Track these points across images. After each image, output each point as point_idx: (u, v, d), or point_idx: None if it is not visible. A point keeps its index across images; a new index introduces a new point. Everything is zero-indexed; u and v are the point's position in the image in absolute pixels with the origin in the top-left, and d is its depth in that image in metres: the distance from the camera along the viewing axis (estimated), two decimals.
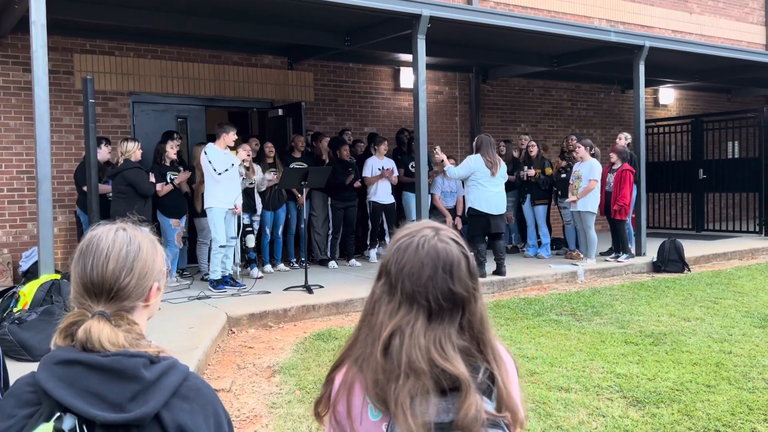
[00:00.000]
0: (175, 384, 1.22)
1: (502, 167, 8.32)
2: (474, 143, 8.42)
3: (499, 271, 8.10)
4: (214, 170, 7.14)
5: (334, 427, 1.33)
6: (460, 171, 8.22)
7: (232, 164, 7.23)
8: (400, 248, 1.33)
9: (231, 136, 7.35)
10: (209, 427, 1.24)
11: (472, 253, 1.36)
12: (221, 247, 7.25)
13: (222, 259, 7.50)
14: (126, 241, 1.33)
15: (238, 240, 8.02)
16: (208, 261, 7.75)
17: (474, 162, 8.11)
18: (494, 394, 1.27)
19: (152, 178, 7.31)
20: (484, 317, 1.32)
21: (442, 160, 8.51)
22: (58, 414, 1.16)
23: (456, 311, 1.28)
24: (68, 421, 1.15)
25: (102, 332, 1.23)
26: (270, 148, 8.68)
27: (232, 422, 1.33)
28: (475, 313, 1.30)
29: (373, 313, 1.33)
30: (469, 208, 8.25)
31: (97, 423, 1.15)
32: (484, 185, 8.10)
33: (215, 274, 7.27)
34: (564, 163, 9.82)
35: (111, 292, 1.29)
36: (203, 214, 7.79)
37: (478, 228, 8.18)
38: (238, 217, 8.01)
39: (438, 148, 8.70)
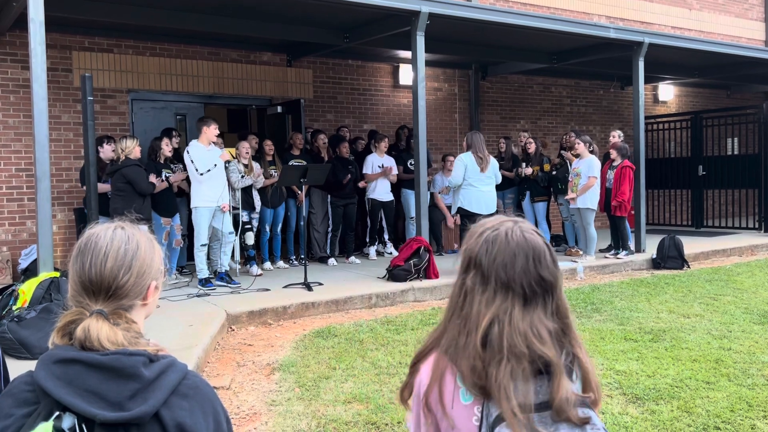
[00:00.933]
0: (175, 382, 1.22)
1: (492, 165, 8.19)
2: (465, 141, 8.37)
3: None
4: (196, 170, 7.12)
5: (425, 414, 1.39)
6: (456, 173, 8.12)
7: (215, 165, 7.18)
8: (488, 240, 1.40)
9: (212, 130, 7.32)
10: (208, 425, 1.24)
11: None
12: (203, 246, 7.27)
13: (220, 255, 7.50)
14: (124, 240, 1.33)
15: (238, 237, 8.02)
16: (210, 258, 7.76)
17: (465, 159, 8.06)
18: (575, 374, 1.36)
19: (153, 178, 7.31)
20: (566, 303, 1.41)
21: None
22: (57, 413, 1.16)
23: (547, 296, 1.37)
24: (67, 420, 1.15)
25: (101, 331, 1.22)
26: (269, 146, 8.68)
27: (230, 420, 1.33)
28: (561, 297, 1.39)
29: (464, 305, 1.39)
30: (459, 208, 8.15)
31: (96, 422, 1.15)
32: (474, 184, 8.00)
33: (202, 273, 7.27)
34: (557, 160, 9.83)
35: (109, 291, 1.29)
36: None
37: (467, 225, 8.11)
38: (237, 215, 8.01)
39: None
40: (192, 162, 7.14)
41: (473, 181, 8.02)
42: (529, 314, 1.34)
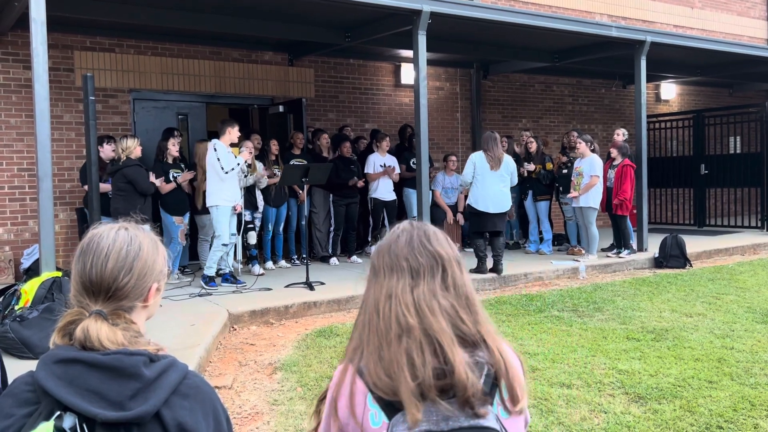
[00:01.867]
0: (175, 382, 1.23)
1: (505, 164, 8.05)
2: (481, 141, 8.33)
3: (495, 268, 7.95)
4: (222, 168, 7.10)
5: (333, 419, 1.33)
6: (465, 171, 8.07)
7: (238, 164, 7.20)
8: (381, 241, 1.44)
9: (235, 132, 7.32)
10: (209, 424, 1.24)
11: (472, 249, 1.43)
12: (224, 245, 7.22)
13: (222, 256, 7.49)
14: (127, 241, 1.33)
15: (240, 237, 8.02)
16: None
17: (474, 158, 8.01)
18: (498, 395, 1.28)
19: (152, 178, 7.30)
20: (470, 291, 1.35)
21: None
22: (58, 413, 1.16)
23: (437, 269, 1.34)
24: (68, 420, 1.15)
25: (100, 331, 1.23)
26: (275, 146, 8.67)
27: (231, 419, 1.33)
28: (458, 275, 1.35)
29: (364, 302, 1.38)
30: (468, 206, 8.13)
31: (97, 421, 1.15)
32: (484, 182, 7.91)
33: (210, 270, 7.23)
34: (565, 159, 9.81)
35: (109, 292, 1.29)
36: (204, 211, 7.77)
37: (477, 225, 8.08)
38: (239, 215, 8.01)
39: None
40: (218, 160, 7.10)
41: (483, 179, 7.92)
42: (419, 286, 1.31)
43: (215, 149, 7.15)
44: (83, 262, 1.30)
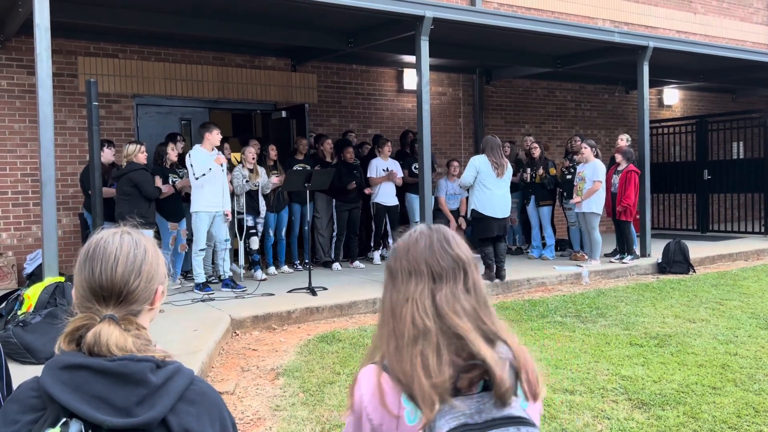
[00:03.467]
0: (182, 388, 1.22)
1: (509, 169, 8.12)
2: (481, 145, 8.30)
3: (498, 274, 7.94)
4: (193, 174, 7.14)
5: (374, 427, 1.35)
6: (467, 173, 8.05)
7: (210, 168, 7.17)
8: (395, 244, 1.43)
9: (215, 135, 7.35)
10: (215, 430, 1.24)
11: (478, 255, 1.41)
12: (201, 250, 7.28)
13: (219, 262, 7.51)
14: (132, 245, 1.33)
15: (242, 242, 8.02)
16: (213, 263, 7.77)
17: (478, 162, 7.97)
18: (520, 390, 1.31)
19: (159, 183, 7.32)
20: (486, 295, 1.38)
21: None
22: (64, 419, 1.15)
23: (458, 273, 1.35)
24: (74, 426, 1.15)
25: (111, 336, 1.22)
26: (273, 151, 8.68)
27: (236, 425, 1.33)
28: (479, 278, 1.38)
29: (382, 304, 1.40)
30: (472, 210, 8.08)
31: (104, 428, 1.15)
32: (489, 187, 7.90)
33: (199, 278, 7.29)
34: (568, 164, 9.80)
35: (120, 296, 1.29)
36: None
37: (481, 231, 8.05)
38: (242, 219, 8.01)
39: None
40: (191, 166, 7.16)
41: (489, 184, 7.89)
42: (441, 290, 1.32)
43: (189, 155, 7.21)
44: (91, 267, 1.30)
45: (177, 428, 1.19)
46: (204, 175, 7.14)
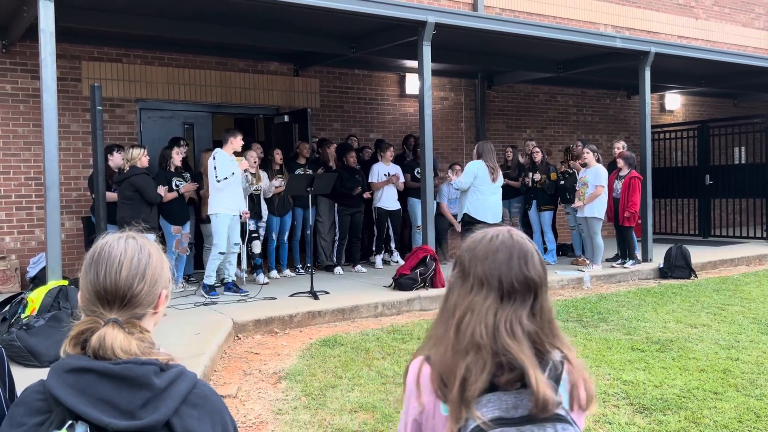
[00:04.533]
0: (185, 391, 1.24)
1: (501, 174, 8.24)
2: (475, 150, 8.33)
3: None
4: (215, 177, 7.16)
5: (415, 416, 1.39)
6: (465, 178, 8.04)
7: (233, 173, 7.22)
8: (474, 240, 1.42)
9: (238, 141, 7.39)
10: None
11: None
12: (221, 253, 7.27)
13: (225, 265, 7.52)
14: (137, 249, 1.35)
15: (244, 246, 8.03)
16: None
17: (476, 167, 8.00)
18: (563, 379, 1.33)
19: (161, 190, 7.35)
20: (551, 309, 1.39)
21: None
22: (69, 422, 1.17)
23: (528, 295, 1.35)
24: (80, 429, 1.16)
25: (115, 340, 1.24)
26: (279, 155, 8.71)
27: (238, 429, 1.34)
28: (546, 300, 1.38)
29: (446, 300, 1.41)
30: (465, 215, 8.06)
31: (109, 430, 1.16)
32: (483, 192, 7.95)
33: (209, 279, 7.29)
34: (564, 168, 9.83)
35: (124, 300, 1.31)
36: (209, 220, 7.81)
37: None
38: (243, 224, 8.03)
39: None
40: (215, 169, 7.16)
41: (483, 189, 7.93)
42: (505, 310, 1.33)
43: (214, 158, 7.23)
44: (95, 271, 1.31)
45: (180, 431, 1.20)
46: (226, 178, 7.16)
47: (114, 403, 1.18)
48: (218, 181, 7.15)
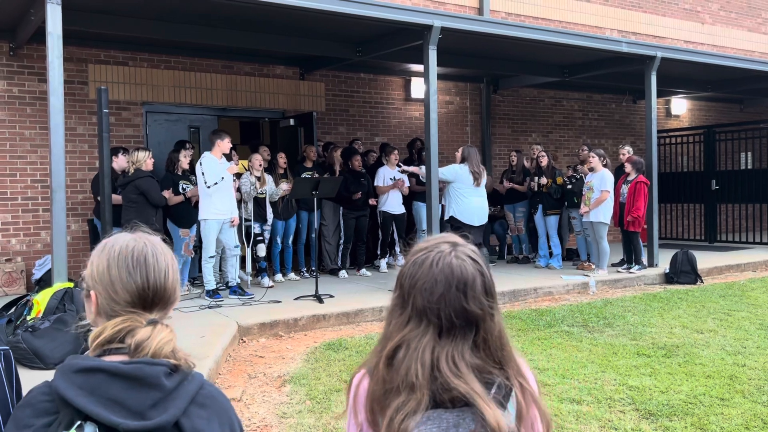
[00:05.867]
0: (193, 392, 1.24)
1: (485, 179, 8.30)
2: (459, 153, 8.41)
3: None
4: (205, 182, 7.17)
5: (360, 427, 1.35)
6: (448, 171, 8.12)
7: (222, 178, 7.20)
8: (416, 263, 1.32)
9: (226, 143, 7.37)
10: None
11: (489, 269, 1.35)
12: (210, 257, 7.32)
13: (227, 268, 7.53)
14: (169, 252, 1.38)
15: (249, 249, 8.04)
16: (221, 270, 7.79)
17: (456, 169, 8.12)
18: (511, 406, 1.26)
19: (166, 194, 7.36)
20: (502, 334, 1.31)
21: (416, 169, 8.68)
22: (78, 422, 1.16)
23: (469, 329, 1.27)
24: (89, 429, 1.16)
25: (162, 339, 1.27)
26: (282, 159, 8.72)
27: (244, 430, 1.34)
28: (491, 330, 1.29)
29: (386, 325, 1.35)
30: (450, 217, 8.15)
31: (119, 431, 1.16)
32: (467, 196, 8.07)
33: (210, 285, 7.32)
34: (571, 173, 9.82)
35: (168, 302, 1.35)
36: None
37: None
38: (249, 227, 8.04)
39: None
40: (203, 174, 7.18)
41: (465, 193, 8.09)
42: (444, 346, 1.25)
43: (201, 163, 7.22)
44: (143, 275, 1.31)
45: (189, 430, 1.21)
46: (216, 183, 7.16)
47: (124, 404, 1.18)
48: (208, 187, 7.15)
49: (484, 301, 1.28)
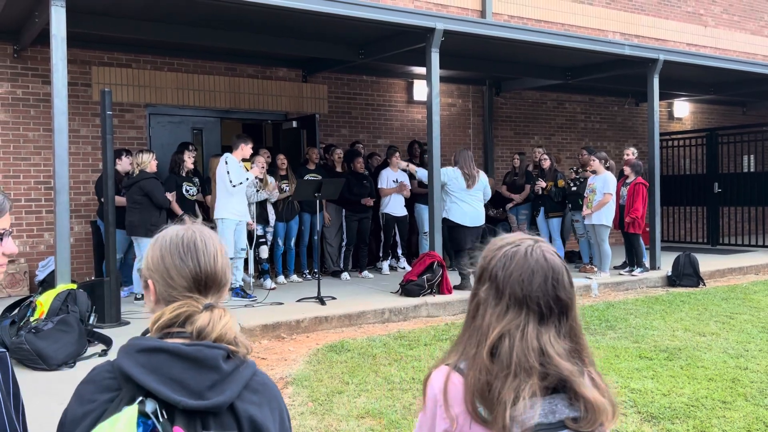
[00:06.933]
0: (247, 377, 1.30)
1: (480, 181, 8.25)
2: (453, 157, 8.43)
3: (462, 285, 7.88)
4: (230, 182, 7.18)
5: (446, 428, 1.37)
6: (443, 171, 8.11)
7: (247, 178, 7.28)
8: (506, 254, 1.40)
9: (248, 149, 7.43)
10: (275, 419, 1.32)
11: (468, 271, 1.43)
12: (231, 259, 7.27)
13: (232, 270, 7.53)
14: (217, 238, 1.44)
15: (252, 251, 8.05)
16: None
17: (452, 172, 8.13)
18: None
19: (170, 196, 7.38)
20: (580, 323, 1.42)
21: (407, 166, 8.65)
22: (140, 398, 1.22)
23: (561, 317, 1.37)
24: (150, 405, 1.21)
25: (225, 322, 1.32)
26: (282, 160, 8.74)
27: (290, 418, 1.40)
28: (575, 318, 1.40)
29: (476, 317, 1.40)
30: (445, 219, 8.12)
31: (178, 408, 1.21)
32: (461, 198, 8.09)
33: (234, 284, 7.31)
34: (574, 176, 9.81)
35: (221, 285, 1.40)
36: (215, 224, 7.83)
37: (455, 242, 8.21)
38: (251, 229, 8.05)
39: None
40: (228, 173, 7.19)
41: (458, 196, 8.11)
42: (544, 332, 1.34)
43: (226, 162, 7.25)
44: (194, 259, 1.37)
45: (243, 413, 1.26)
46: (241, 183, 7.22)
47: (184, 383, 1.23)
48: (233, 186, 7.18)
49: (571, 290, 1.39)
